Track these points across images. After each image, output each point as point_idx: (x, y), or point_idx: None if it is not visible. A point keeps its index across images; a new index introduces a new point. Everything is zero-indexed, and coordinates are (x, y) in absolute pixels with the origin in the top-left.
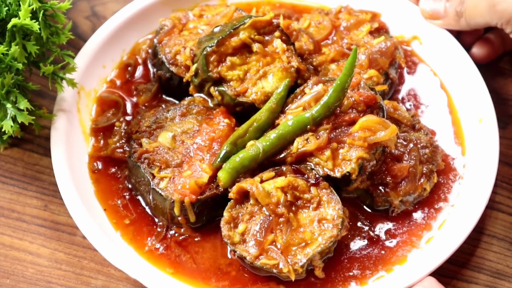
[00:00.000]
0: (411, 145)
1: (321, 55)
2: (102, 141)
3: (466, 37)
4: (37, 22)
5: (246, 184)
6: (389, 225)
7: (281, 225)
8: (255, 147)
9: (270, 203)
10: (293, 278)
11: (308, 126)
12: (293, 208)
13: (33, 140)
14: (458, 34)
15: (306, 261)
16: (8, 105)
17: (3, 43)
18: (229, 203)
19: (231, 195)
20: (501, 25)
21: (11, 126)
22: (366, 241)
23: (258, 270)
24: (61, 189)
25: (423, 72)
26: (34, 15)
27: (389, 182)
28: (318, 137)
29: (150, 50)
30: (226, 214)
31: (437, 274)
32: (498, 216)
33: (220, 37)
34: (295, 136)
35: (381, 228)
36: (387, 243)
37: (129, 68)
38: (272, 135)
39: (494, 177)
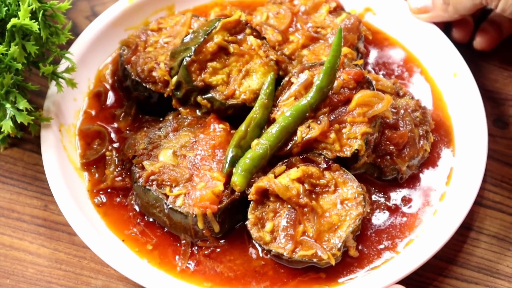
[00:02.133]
0: (402, 111)
1: (291, 43)
2: (96, 174)
3: (457, 33)
4: (37, 22)
5: (263, 182)
6: (402, 191)
7: (307, 215)
8: (261, 145)
9: (291, 196)
10: (333, 262)
11: (307, 114)
12: (314, 196)
13: (33, 140)
14: (448, 32)
15: (341, 244)
16: (8, 105)
17: (2, 43)
18: (250, 205)
19: (250, 196)
20: (486, 1)
21: (11, 126)
22: (386, 212)
23: (296, 263)
24: (78, 231)
25: (383, 40)
26: (33, 15)
27: (393, 150)
28: (319, 122)
29: (117, 74)
30: (251, 216)
31: (435, 273)
32: (498, 216)
33: (196, 45)
34: (296, 126)
35: (396, 197)
36: (405, 209)
37: (100, 96)
38: (274, 129)
39: (485, 123)
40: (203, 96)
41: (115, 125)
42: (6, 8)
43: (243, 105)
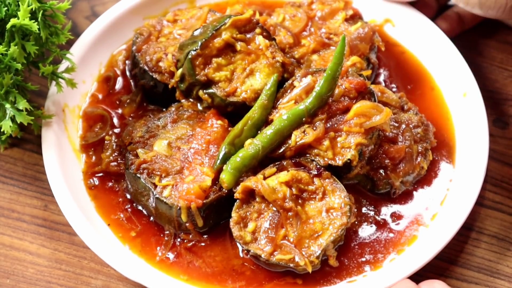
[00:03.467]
0: (403, 126)
1: (302, 47)
2: (94, 157)
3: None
4: (36, 22)
5: (251, 182)
6: (393, 207)
7: (290, 219)
8: (254, 145)
9: (277, 199)
10: (310, 270)
11: (304, 118)
12: (300, 201)
13: (33, 140)
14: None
15: (320, 252)
16: (7, 105)
17: (2, 43)
18: (235, 204)
19: (236, 195)
20: None
21: (10, 126)
22: (373, 226)
23: (274, 267)
24: (64, 210)
25: (399, 53)
26: (33, 15)
27: (388, 164)
28: (314, 128)
29: (128, 61)
30: (234, 214)
31: (436, 273)
32: (498, 216)
33: (203, 40)
34: (292, 129)
35: (386, 211)
36: (394, 225)
37: (109, 81)
38: (268, 131)
39: (487, 146)
40: (204, 91)
41: (120, 111)
42: (6, 8)
43: (243, 103)
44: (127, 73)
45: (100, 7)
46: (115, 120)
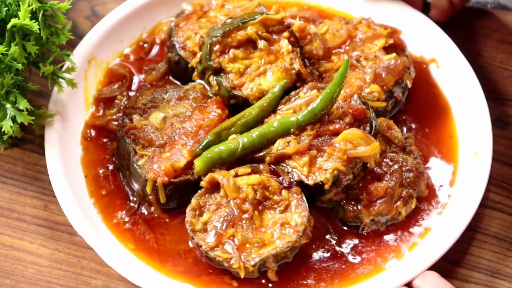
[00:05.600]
0: (396, 166)
1: (329, 62)
2: (101, 111)
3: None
4: (37, 22)
5: (219, 175)
6: (356, 242)
7: (243, 221)
8: (235, 141)
9: (237, 198)
10: (242, 275)
11: (292, 130)
12: (260, 207)
13: (33, 140)
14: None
15: (258, 261)
16: (8, 105)
17: (2, 43)
18: (199, 191)
19: (202, 183)
20: None
21: (11, 127)
22: (329, 254)
23: (211, 261)
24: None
25: (434, 96)
26: (33, 15)
27: (363, 199)
28: (299, 141)
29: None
30: (193, 200)
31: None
32: (498, 216)
33: (227, 29)
34: (278, 137)
35: (348, 244)
36: (350, 258)
37: (145, 46)
38: (255, 132)
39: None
40: (214, 77)
41: (142, 76)
42: (6, 8)
43: (246, 100)
44: (165, 44)
45: (100, 7)
46: (136, 84)
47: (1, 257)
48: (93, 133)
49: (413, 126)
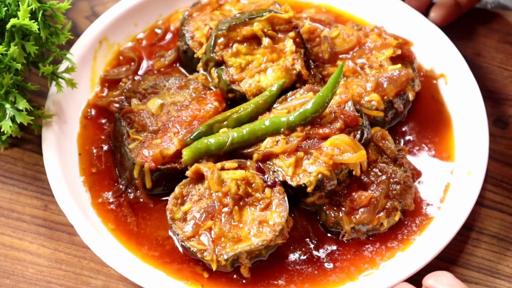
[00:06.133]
0: (384, 177)
1: (334, 66)
2: (105, 92)
3: (412, 1)
4: (36, 23)
5: (204, 166)
6: (334, 248)
7: (223, 215)
8: (225, 135)
9: (219, 191)
10: (214, 267)
11: (282, 129)
12: (241, 203)
13: (33, 140)
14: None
15: (231, 256)
16: (7, 105)
17: (2, 43)
18: (184, 180)
19: (188, 173)
20: None
21: (10, 127)
22: (305, 257)
23: (186, 251)
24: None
25: (437, 113)
26: (33, 15)
27: (346, 206)
28: (288, 142)
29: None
30: (177, 189)
31: (431, 272)
32: (498, 216)
33: (234, 23)
34: (268, 135)
35: (325, 250)
36: (325, 264)
37: (159, 32)
38: (245, 128)
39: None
40: (215, 70)
41: (152, 62)
42: (6, 8)
43: (243, 95)
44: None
45: (100, 7)
46: (143, 69)
47: (1, 257)
48: (93, 112)
49: (411, 139)
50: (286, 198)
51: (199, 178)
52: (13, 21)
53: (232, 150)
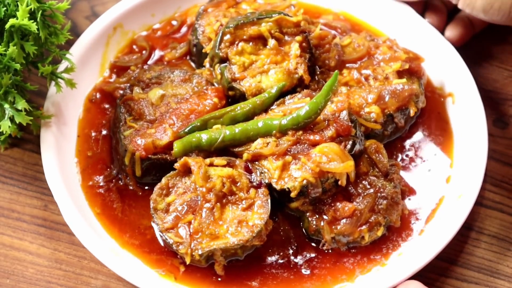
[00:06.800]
0: (371, 190)
1: (339, 74)
2: (113, 78)
3: (431, 18)
4: (35, 23)
5: (192, 161)
6: (313, 256)
7: (204, 210)
8: (217, 132)
9: (203, 186)
10: (187, 261)
11: (274, 132)
12: (224, 201)
13: (33, 140)
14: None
15: (206, 252)
16: (6, 106)
17: (1, 43)
18: (171, 172)
19: (176, 165)
20: None
21: (9, 127)
22: (282, 262)
23: (164, 242)
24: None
25: (441, 131)
26: (32, 15)
27: (328, 215)
28: (278, 144)
29: None
30: (164, 180)
31: (436, 273)
32: (498, 216)
33: (242, 21)
34: (259, 136)
35: (304, 256)
36: (302, 270)
37: (175, 24)
38: (238, 128)
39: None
40: (219, 66)
41: (163, 52)
42: (5, 8)
43: (243, 94)
44: None
45: (100, 7)
46: (154, 59)
47: (1, 257)
48: (98, 96)
49: (409, 155)
50: (269, 201)
51: (187, 171)
52: (12, 21)
53: (223, 147)
